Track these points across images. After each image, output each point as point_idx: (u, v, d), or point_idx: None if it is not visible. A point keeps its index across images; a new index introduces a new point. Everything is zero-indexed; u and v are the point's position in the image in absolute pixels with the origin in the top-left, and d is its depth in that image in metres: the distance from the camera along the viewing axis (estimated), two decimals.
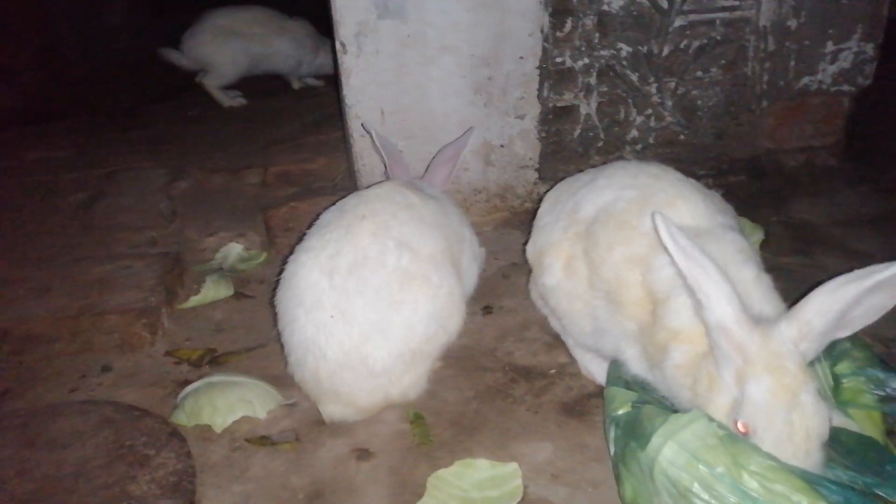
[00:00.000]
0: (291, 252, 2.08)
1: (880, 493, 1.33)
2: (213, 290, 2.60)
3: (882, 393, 1.58)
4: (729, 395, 1.43)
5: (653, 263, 1.67)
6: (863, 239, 2.74)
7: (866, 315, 1.43)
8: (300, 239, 2.09)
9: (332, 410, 1.93)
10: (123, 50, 5.84)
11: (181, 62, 4.55)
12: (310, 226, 2.13)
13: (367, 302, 1.85)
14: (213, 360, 2.28)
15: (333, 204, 2.17)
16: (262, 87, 4.70)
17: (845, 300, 1.37)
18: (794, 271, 2.57)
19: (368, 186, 2.29)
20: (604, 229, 1.84)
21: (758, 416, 1.36)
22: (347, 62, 2.70)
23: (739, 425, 1.39)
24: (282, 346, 2.00)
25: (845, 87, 3.20)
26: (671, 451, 1.38)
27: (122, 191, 3.19)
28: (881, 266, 1.36)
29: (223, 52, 4.45)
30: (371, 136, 2.45)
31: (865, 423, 1.56)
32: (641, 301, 1.69)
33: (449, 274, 1.99)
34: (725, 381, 1.44)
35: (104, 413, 1.99)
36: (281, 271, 2.06)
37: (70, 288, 2.45)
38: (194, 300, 2.57)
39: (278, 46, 4.59)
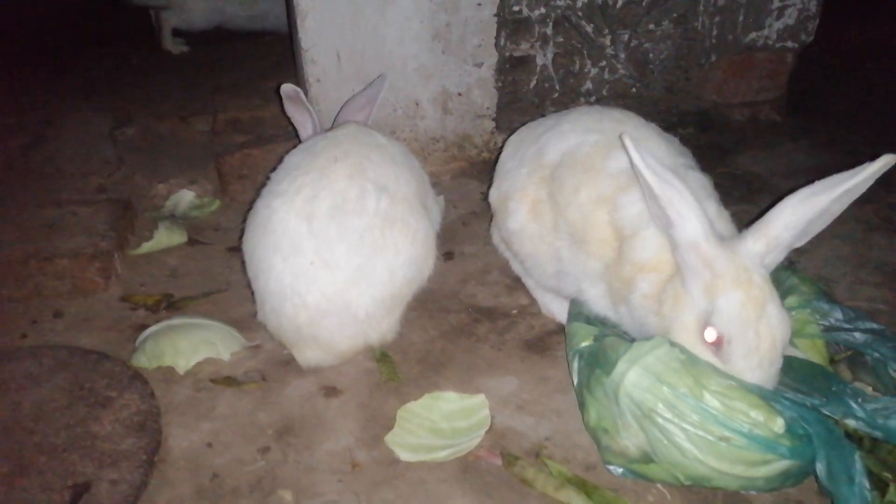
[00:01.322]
0: (254, 198, 2.03)
1: (826, 412, 1.43)
2: (167, 237, 2.54)
3: (826, 323, 1.68)
4: (695, 309, 1.49)
5: (619, 202, 1.72)
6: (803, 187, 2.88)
7: (821, 223, 1.53)
8: (265, 182, 2.04)
9: (309, 356, 1.91)
10: None
11: (150, 1, 4.31)
12: (273, 169, 2.08)
13: (350, 247, 1.81)
14: (171, 305, 2.24)
15: (294, 147, 2.13)
16: (207, 33, 4.52)
17: (814, 211, 1.46)
18: (739, 219, 2.67)
19: (330, 129, 2.25)
20: (569, 173, 1.87)
21: (731, 327, 1.42)
22: (303, 3, 2.63)
23: (710, 333, 1.45)
24: (252, 294, 1.96)
25: (789, 44, 3.31)
26: (636, 374, 1.45)
27: (64, 136, 3.04)
28: (844, 175, 1.45)
29: (199, 1, 4.29)
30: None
31: (811, 352, 1.66)
32: (607, 239, 1.74)
33: (422, 216, 1.99)
34: (693, 297, 1.49)
35: (59, 357, 1.93)
36: (246, 217, 2.00)
37: (15, 233, 2.35)
38: (147, 246, 2.50)
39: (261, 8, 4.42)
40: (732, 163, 3.12)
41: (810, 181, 1.52)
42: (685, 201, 1.48)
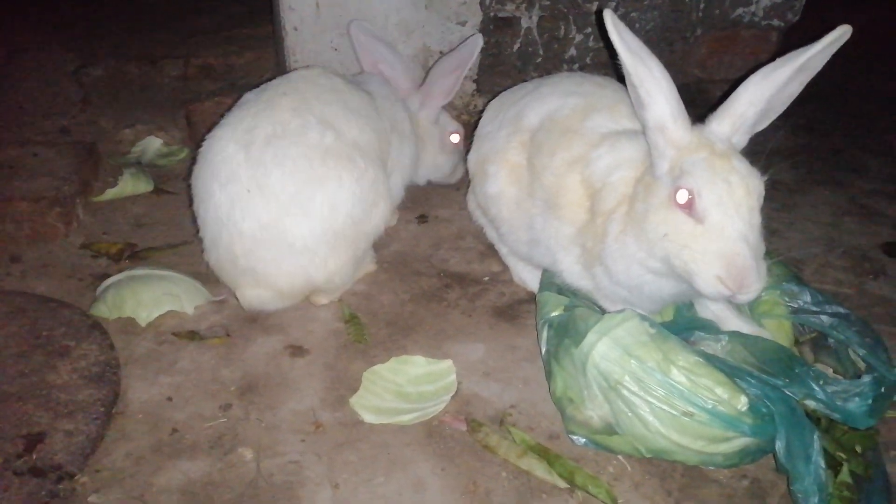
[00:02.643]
0: None
1: (789, 392, 1.45)
2: (132, 184, 2.46)
3: (795, 305, 1.70)
4: (665, 185, 1.48)
5: (590, 157, 1.71)
6: (779, 170, 2.89)
7: (781, 102, 1.54)
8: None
9: (250, 296, 1.87)
10: None
11: None
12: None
13: (285, 173, 1.77)
14: (134, 255, 2.18)
15: None
16: None
17: (777, 84, 1.47)
18: None
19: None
20: (547, 136, 1.85)
21: (698, 179, 1.41)
22: None
23: (682, 195, 1.43)
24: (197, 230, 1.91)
25: (775, 22, 3.29)
26: (605, 346, 1.44)
27: (27, 72, 2.91)
28: (803, 49, 1.46)
29: None
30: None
31: (777, 332, 1.68)
32: (580, 201, 1.72)
33: (375, 163, 1.94)
34: (662, 178, 1.49)
35: (15, 302, 1.87)
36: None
37: None
38: (111, 192, 2.42)
39: None
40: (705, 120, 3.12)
41: (789, 162, 1.53)
42: (656, 82, 1.49)
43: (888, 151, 3.04)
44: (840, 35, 1.45)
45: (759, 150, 3.14)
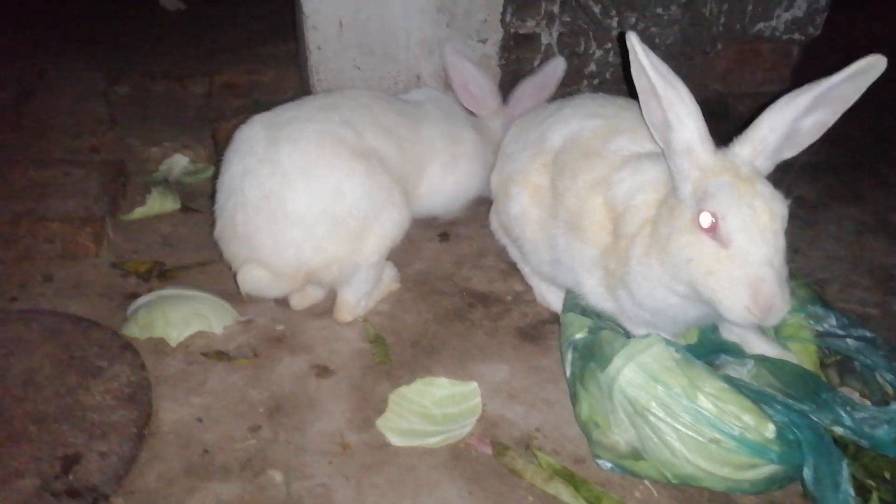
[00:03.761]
0: None
1: (815, 419, 1.45)
2: (160, 203, 2.50)
3: (821, 328, 1.70)
4: (689, 208, 1.49)
5: (613, 179, 1.72)
6: (800, 185, 2.86)
7: (812, 131, 1.55)
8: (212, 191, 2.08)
9: (246, 275, 1.89)
10: None
11: None
12: None
13: (296, 149, 1.85)
14: (162, 274, 2.22)
15: None
16: None
17: (798, 110, 1.48)
18: None
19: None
20: (570, 158, 1.86)
21: (722, 203, 1.42)
22: None
23: (705, 218, 1.44)
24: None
25: (796, 36, 3.28)
26: (631, 371, 1.45)
27: (56, 91, 2.97)
28: (827, 77, 1.46)
29: None
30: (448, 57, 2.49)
31: (802, 356, 1.68)
32: (603, 223, 1.73)
33: (392, 177, 1.98)
34: (685, 201, 1.50)
35: (50, 323, 1.91)
36: None
37: (6, 191, 2.30)
38: (139, 211, 2.46)
39: None
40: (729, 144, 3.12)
41: (811, 178, 1.54)
42: (685, 105, 1.50)
43: None
44: (869, 64, 1.45)
45: (783, 165, 3.14)
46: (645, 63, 1.50)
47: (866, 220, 2.62)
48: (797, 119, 1.48)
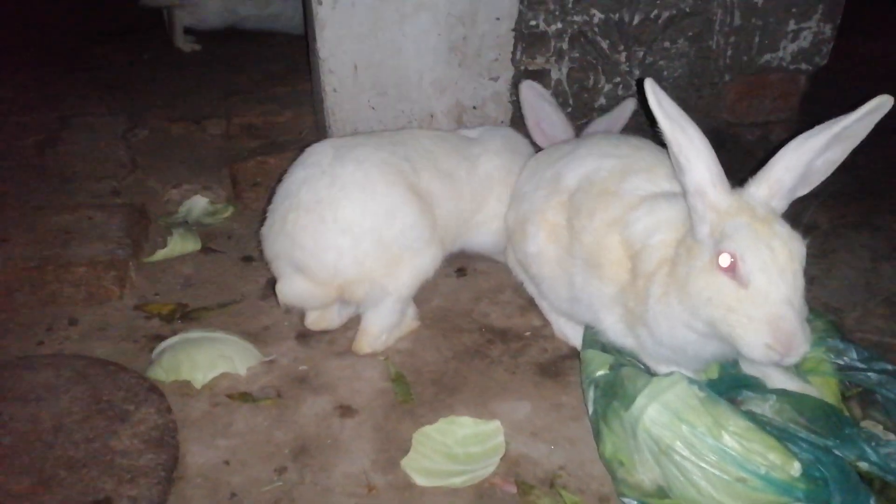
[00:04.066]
0: (262, 208, 2.18)
1: (840, 454, 1.45)
2: (181, 244, 2.55)
3: (840, 362, 1.71)
4: (707, 249, 1.51)
5: (629, 218, 1.75)
6: (814, 212, 2.89)
7: (823, 169, 1.58)
8: (270, 194, 2.15)
9: (285, 284, 1.99)
10: None
11: (163, 1, 4.31)
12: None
13: (359, 168, 1.95)
14: (185, 316, 2.25)
15: None
16: (219, 32, 4.51)
17: (813, 151, 1.51)
18: None
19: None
20: (586, 197, 1.89)
21: (741, 243, 1.44)
22: (322, 14, 2.63)
23: (724, 259, 1.46)
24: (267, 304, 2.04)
25: (803, 66, 3.32)
26: (655, 410, 1.47)
27: (78, 137, 3.04)
28: (839, 118, 1.49)
29: (212, 2, 4.29)
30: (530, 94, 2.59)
31: (824, 389, 1.69)
32: (620, 261, 1.76)
33: (439, 218, 2.09)
34: (703, 241, 1.52)
35: (77, 367, 1.94)
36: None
37: (30, 237, 2.35)
38: (161, 253, 2.51)
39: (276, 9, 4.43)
40: (744, 183, 3.14)
41: (823, 206, 1.57)
42: (695, 148, 1.52)
43: None
44: (878, 105, 1.48)
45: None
46: (655, 107, 1.54)
47: (880, 247, 2.63)
48: (811, 160, 1.51)
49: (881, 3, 5.04)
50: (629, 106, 2.53)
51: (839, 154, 1.55)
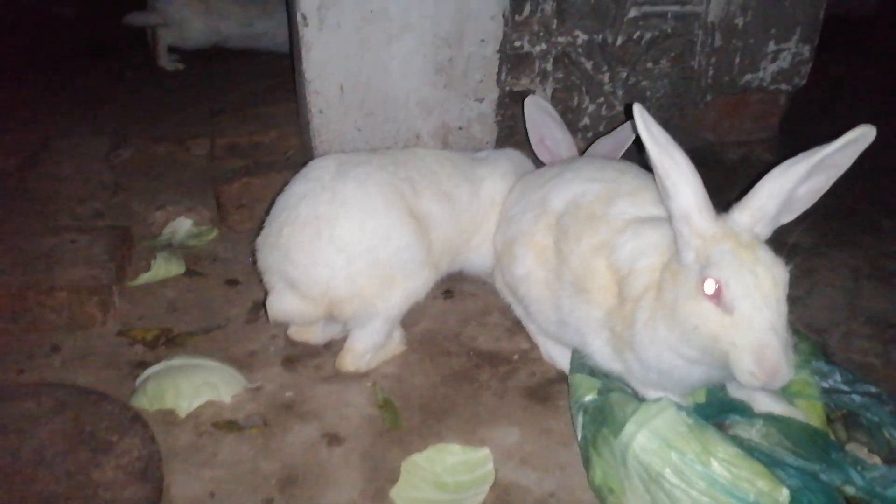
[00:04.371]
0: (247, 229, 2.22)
1: (825, 479, 1.46)
2: (165, 268, 2.52)
3: (826, 385, 1.73)
4: (693, 275, 1.52)
5: (616, 242, 1.76)
6: (791, 231, 2.92)
7: (807, 197, 1.60)
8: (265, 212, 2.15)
9: (275, 299, 2.00)
10: (45, 1, 5.44)
11: (147, 20, 4.30)
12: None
13: (359, 188, 1.96)
14: (169, 341, 2.22)
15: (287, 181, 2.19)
16: (203, 51, 4.50)
17: (796, 178, 1.52)
18: None
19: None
20: (573, 221, 1.90)
21: (725, 270, 1.46)
22: (308, 35, 2.63)
23: (709, 285, 1.47)
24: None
25: (783, 86, 3.38)
26: (644, 437, 1.47)
27: (60, 157, 3.01)
28: (821, 147, 1.51)
29: (196, 21, 4.28)
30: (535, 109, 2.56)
31: (809, 412, 1.70)
32: (607, 285, 1.77)
33: (434, 241, 2.10)
34: (689, 266, 1.53)
35: (59, 396, 1.91)
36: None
37: (12, 261, 2.32)
38: (145, 277, 2.48)
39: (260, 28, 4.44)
40: (726, 202, 3.17)
41: (804, 225, 1.60)
42: (682, 174, 1.54)
43: None
44: (860, 136, 1.50)
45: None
46: (643, 133, 1.56)
47: (861, 266, 2.66)
48: (794, 188, 1.53)
49: (854, 25, 5.15)
50: (630, 128, 2.53)
51: (823, 182, 1.57)
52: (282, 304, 2.00)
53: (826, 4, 3.25)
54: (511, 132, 3.11)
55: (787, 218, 1.61)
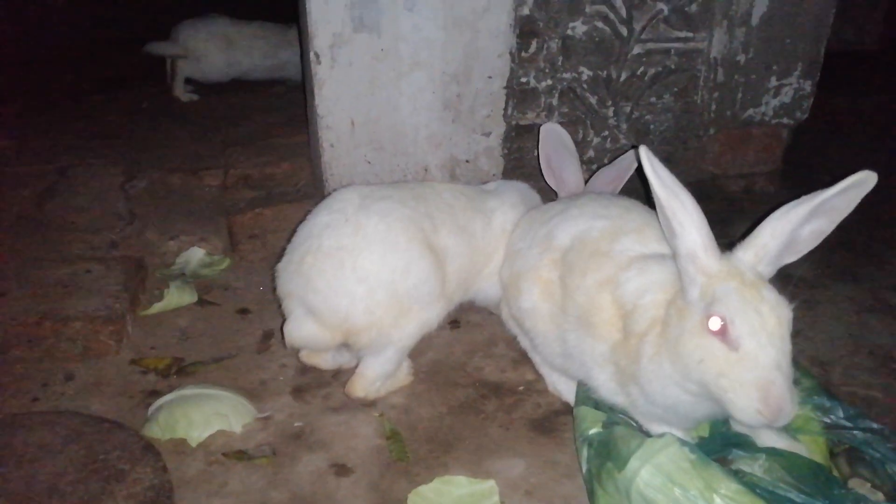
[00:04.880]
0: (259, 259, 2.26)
1: None
2: (177, 297, 2.57)
3: (828, 420, 1.75)
4: (697, 312, 1.55)
5: (621, 279, 1.80)
6: (798, 264, 2.95)
7: (810, 239, 1.63)
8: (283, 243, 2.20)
9: (293, 324, 2.04)
10: (63, 33, 5.58)
11: (168, 51, 4.41)
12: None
13: (382, 222, 2.02)
14: (181, 370, 2.26)
15: (303, 212, 2.25)
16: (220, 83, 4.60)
17: (797, 220, 1.56)
18: None
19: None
20: (578, 256, 1.94)
21: (731, 307, 1.48)
22: (321, 73, 2.71)
23: (714, 322, 1.50)
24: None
25: (785, 120, 3.43)
26: (648, 473, 1.49)
27: (76, 188, 3.09)
28: (821, 191, 1.55)
29: (217, 56, 4.40)
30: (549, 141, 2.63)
31: (812, 448, 1.72)
32: (612, 320, 1.80)
33: (450, 273, 2.15)
34: (694, 303, 1.56)
35: (72, 425, 1.95)
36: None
37: (28, 292, 2.37)
38: (158, 306, 2.53)
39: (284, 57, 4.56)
40: (730, 233, 3.21)
41: (806, 257, 1.64)
42: (688, 214, 1.57)
43: None
44: (859, 181, 1.54)
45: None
46: (650, 174, 1.60)
47: (863, 299, 2.69)
48: (795, 229, 1.57)
49: (854, 60, 5.23)
50: (633, 158, 2.58)
51: (826, 225, 1.61)
52: (300, 330, 2.05)
53: (826, 41, 3.32)
54: (517, 165, 3.17)
55: (791, 258, 1.63)
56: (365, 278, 1.97)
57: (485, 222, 2.32)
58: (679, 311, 1.61)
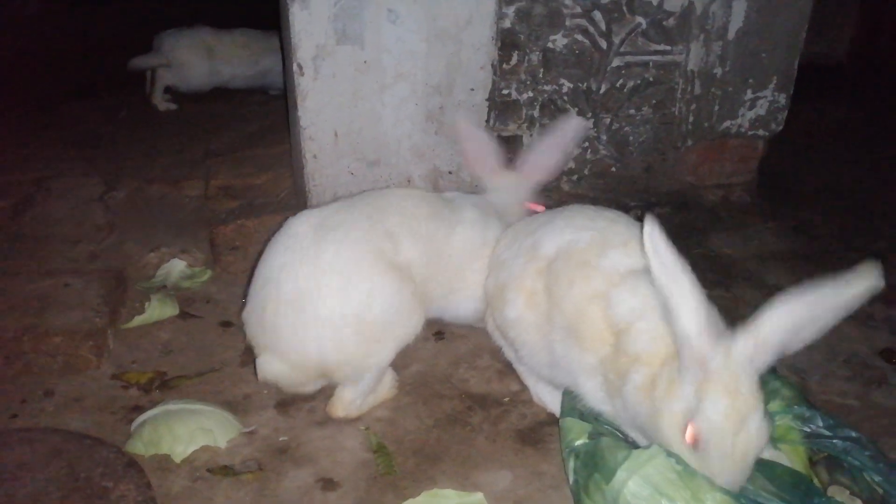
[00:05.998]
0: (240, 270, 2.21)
1: None
2: (159, 310, 2.54)
3: (808, 430, 1.78)
4: (684, 402, 1.54)
5: (613, 297, 1.80)
6: (775, 273, 3.01)
7: (813, 330, 1.60)
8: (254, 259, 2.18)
9: (265, 365, 2.00)
10: (39, 40, 5.49)
11: (151, 62, 4.37)
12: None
13: (338, 253, 1.95)
14: (164, 384, 2.24)
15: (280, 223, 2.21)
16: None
17: (796, 317, 1.54)
18: (715, 303, 2.78)
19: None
20: (565, 266, 1.95)
21: (711, 433, 1.49)
22: (304, 84, 2.71)
23: (691, 432, 1.52)
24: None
25: (760, 132, 3.50)
26: (635, 484, 1.51)
27: (54, 199, 3.04)
28: (828, 289, 1.55)
29: (199, 65, 4.37)
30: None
31: (793, 457, 1.75)
32: (602, 333, 1.81)
33: (418, 286, 2.10)
34: (685, 391, 1.55)
35: (53, 442, 1.91)
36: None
37: (5, 305, 2.33)
38: (139, 319, 2.50)
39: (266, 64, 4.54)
40: (707, 243, 3.26)
41: (783, 267, 1.63)
42: (683, 296, 1.53)
43: (876, 252, 3.19)
44: (863, 291, 1.56)
45: (755, 253, 3.24)
46: (651, 253, 1.56)
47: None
48: (798, 324, 1.55)
49: (825, 73, 5.34)
50: (572, 123, 2.54)
51: (831, 319, 1.59)
52: (272, 370, 2.01)
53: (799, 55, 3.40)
54: None
55: (796, 346, 1.60)
56: (329, 318, 1.92)
57: (447, 234, 2.25)
58: (670, 381, 1.59)
